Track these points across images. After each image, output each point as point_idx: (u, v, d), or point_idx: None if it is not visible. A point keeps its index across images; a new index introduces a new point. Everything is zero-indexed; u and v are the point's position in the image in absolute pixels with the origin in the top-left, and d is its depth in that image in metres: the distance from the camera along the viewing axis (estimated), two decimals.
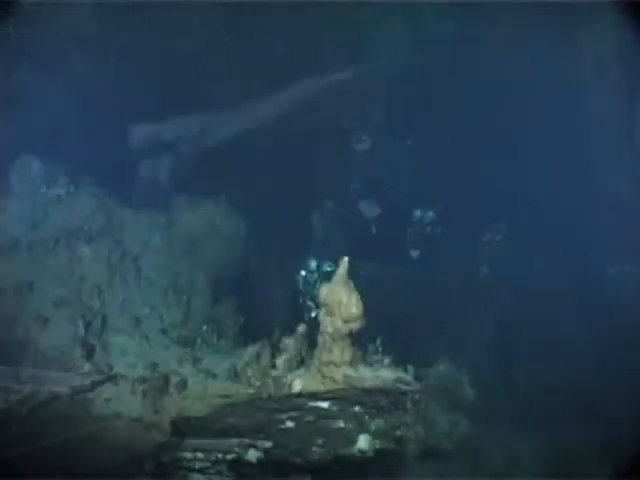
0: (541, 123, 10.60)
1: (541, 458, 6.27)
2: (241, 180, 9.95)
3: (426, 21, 10.46)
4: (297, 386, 5.20)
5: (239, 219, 8.85)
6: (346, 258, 5.00)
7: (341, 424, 4.89)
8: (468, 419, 5.63)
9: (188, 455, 4.80)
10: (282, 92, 11.11)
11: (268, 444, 4.87)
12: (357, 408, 4.93)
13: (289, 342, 5.42)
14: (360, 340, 5.16)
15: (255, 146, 11.27)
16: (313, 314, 8.93)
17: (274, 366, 5.41)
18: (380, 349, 5.29)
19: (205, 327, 6.78)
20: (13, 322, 5.93)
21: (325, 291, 5.04)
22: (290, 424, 4.96)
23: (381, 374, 5.07)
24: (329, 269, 8.86)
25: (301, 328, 5.50)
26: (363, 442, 4.78)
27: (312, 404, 4.98)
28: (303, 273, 9.11)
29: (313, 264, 9.08)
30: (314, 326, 5.22)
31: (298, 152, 11.43)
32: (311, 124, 11.36)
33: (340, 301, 4.93)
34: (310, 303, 9.04)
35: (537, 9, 9.28)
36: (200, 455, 4.77)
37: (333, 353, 5.07)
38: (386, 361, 5.18)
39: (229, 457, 4.78)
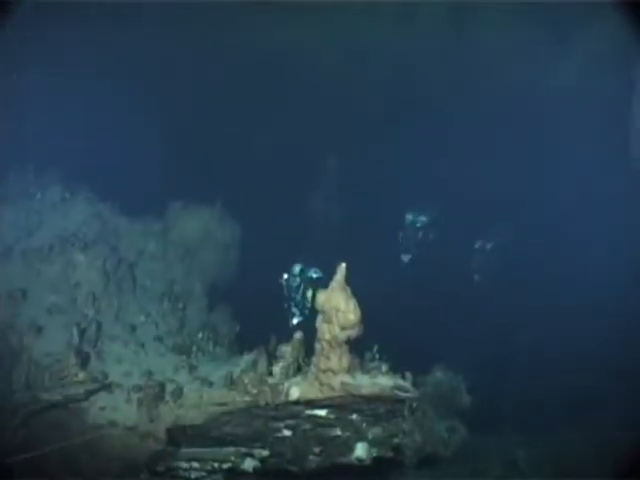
0: (540, 124, 10.59)
1: (540, 461, 6.26)
2: (237, 186, 9.92)
3: (425, 21, 10.43)
4: (294, 394, 5.13)
5: (234, 225, 8.81)
6: (343, 264, 4.93)
7: (338, 432, 4.86)
8: (465, 426, 5.60)
9: (184, 464, 4.78)
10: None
11: (265, 453, 4.85)
12: (354, 416, 4.89)
13: (286, 349, 5.35)
14: (357, 347, 5.10)
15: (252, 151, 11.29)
16: (295, 321, 8.75)
17: (271, 373, 5.33)
18: (377, 356, 5.22)
19: (201, 334, 6.74)
20: (7, 330, 5.85)
21: (322, 298, 4.97)
22: (287, 432, 4.93)
23: (379, 381, 5.00)
24: (315, 275, 8.66)
25: (298, 335, 5.43)
26: (361, 450, 4.75)
27: (309, 412, 4.94)
28: (285, 276, 8.86)
29: (297, 269, 8.84)
30: (311, 333, 5.15)
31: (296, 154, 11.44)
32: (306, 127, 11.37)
33: (338, 308, 4.87)
34: (294, 310, 8.83)
35: (537, 9, 9.27)
36: (196, 464, 4.76)
37: (331, 360, 5.00)
38: (384, 368, 5.11)
39: (225, 466, 4.77)
